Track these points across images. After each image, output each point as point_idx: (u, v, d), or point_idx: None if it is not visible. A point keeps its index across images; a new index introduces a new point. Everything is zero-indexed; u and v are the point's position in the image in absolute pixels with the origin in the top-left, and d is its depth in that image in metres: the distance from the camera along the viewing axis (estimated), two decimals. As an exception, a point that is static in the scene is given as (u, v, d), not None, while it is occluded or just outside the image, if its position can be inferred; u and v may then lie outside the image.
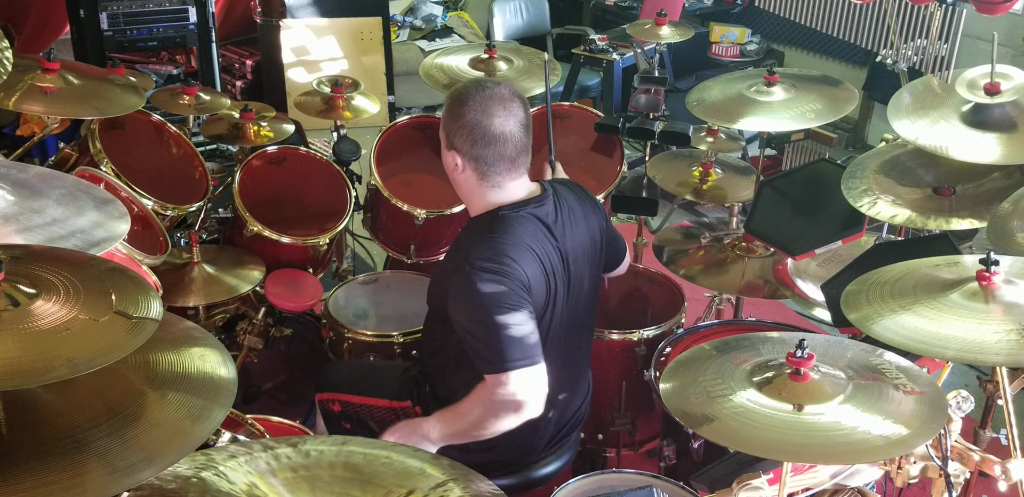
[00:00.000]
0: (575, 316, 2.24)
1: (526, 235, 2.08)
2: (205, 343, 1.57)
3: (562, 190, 2.25)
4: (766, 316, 3.25)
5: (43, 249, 1.59)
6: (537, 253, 2.09)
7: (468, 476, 1.47)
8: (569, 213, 2.20)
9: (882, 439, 1.58)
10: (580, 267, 2.21)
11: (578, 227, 2.21)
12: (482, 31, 6.44)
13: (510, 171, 2.11)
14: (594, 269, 2.28)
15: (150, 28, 4.94)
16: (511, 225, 2.09)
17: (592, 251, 2.26)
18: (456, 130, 2.09)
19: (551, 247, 2.13)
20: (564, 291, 2.17)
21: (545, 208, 2.15)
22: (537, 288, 2.08)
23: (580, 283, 2.22)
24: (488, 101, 2.07)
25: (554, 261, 2.13)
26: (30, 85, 2.47)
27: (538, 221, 2.12)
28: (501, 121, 2.06)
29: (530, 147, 2.15)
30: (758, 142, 3.72)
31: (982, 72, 2.44)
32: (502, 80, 2.18)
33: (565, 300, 2.18)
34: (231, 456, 1.44)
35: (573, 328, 2.26)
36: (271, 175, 3.12)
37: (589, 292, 2.27)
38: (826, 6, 5.59)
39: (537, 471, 2.34)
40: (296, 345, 3.12)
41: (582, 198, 2.29)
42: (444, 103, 2.15)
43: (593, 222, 2.27)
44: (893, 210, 2.40)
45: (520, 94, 2.14)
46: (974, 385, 2.17)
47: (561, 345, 2.21)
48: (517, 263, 2.03)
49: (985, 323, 1.68)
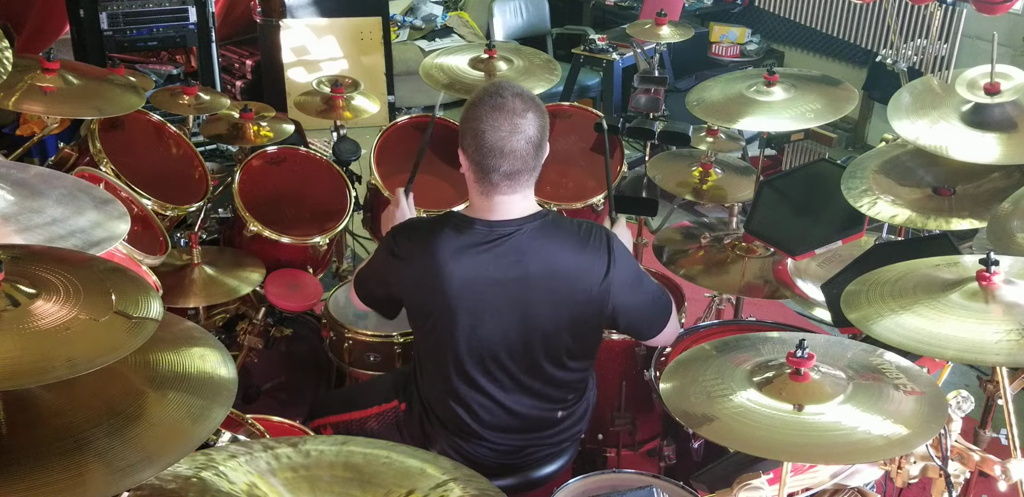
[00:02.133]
0: (521, 344, 2.15)
1: (449, 238, 2.08)
2: (205, 343, 1.57)
3: (554, 232, 2.10)
4: (766, 316, 3.25)
5: (43, 249, 1.59)
6: (441, 254, 2.07)
7: (468, 476, 1.47)
8: (522, 247, 2.07)
9: (882, 439, 1.58)
10: (493, 301, 2.10)
11: (526, 262, 2.08)
12: (482, 31, 6.44)
13: (506, 185, 2.04)
14: (547, 309, 2.12)
15: (150, 28, 4.94)
16: (438, 222, 2.12)
17: (540, 291, 2.10)
18: (465, 131, 2.05)
19: (472, 261, 2.07)
20: (463, 314, 2.11)
21: (488, 236, 2.07)
22: (417, 282, 2.14)
23: (493, 316, 2.11)
24: (495, 112, 1.99)
25: (450, 270, 2.06)
26: (30, 85, 2.47)
27: (461, 237, 2.07)
28: (504, 136, 1.99)
29: (537, 165, 2.06)
30: (758, 142, 3.72)
31: (982, 72, 2.43)
32: (523, 88, 2.05)
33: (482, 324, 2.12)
34: (231, 456, 1.44)
35: (522, 358, 2.17)
36: (271, 175, 3.12)
37: (538, 327, 2.13)
38: (826, 6, 5.59)
39: (537, 471, 2.34)
40: (296, 345, 3.12)
41: (560, 241, 2.11)
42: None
43: (556, 265, 2.09)
44: (893, 210, 2.40)
45: (537, 108, 2.03)
46: (974, 385, 2.16)
47: (499, 368, 2.18)
48: (409, 242, 2.13)
49: (985, 323, 1.68)
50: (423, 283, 2.12)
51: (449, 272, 2.07)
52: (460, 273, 2.07)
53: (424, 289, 2.13)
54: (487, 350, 2.16)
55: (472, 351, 2.15)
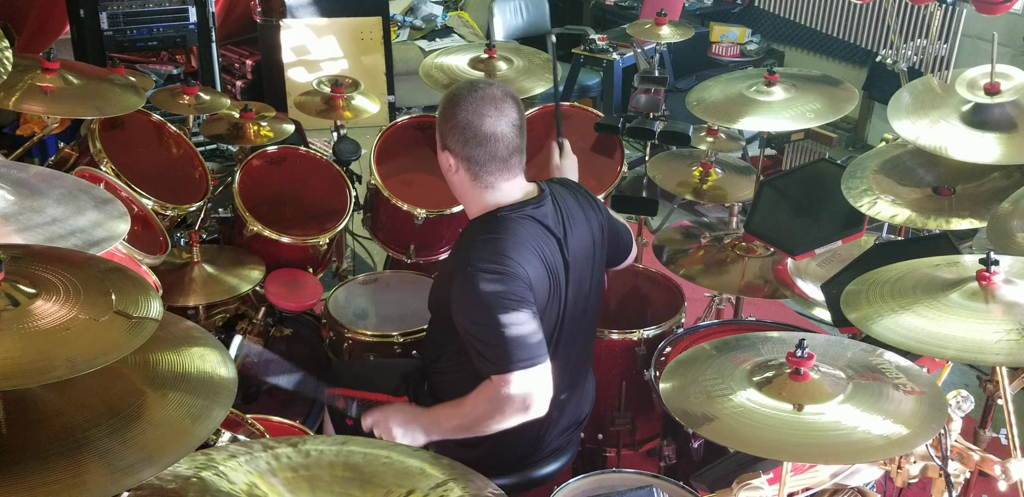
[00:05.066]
0: (577, 317, 2.24)
1: (527, 236, 2.08)
2: (205, 343, 1.57)
3: (560, 190, 2.25)
4: (766, 316, 3.25)
5: (43, 249, 1.59)
6: (539, 253, 2.09)
7: (468, 476, 1.47)
8: (568, 213, 2.20)
9: (882, 439, 1.58)
10: (582, 268, 2.21)
11: (579, 227, 2.21)
12: (482, 31, 6.44)
13: (502, 171, 2.11)
14: (596, 269, 2.28)
15: (150, 28, 4.94)
16: (510, 226, 2.09)
17: (593, 251, 2.25)
18: (449, 130, 2.10)
19: (553, 248, 2.13)
20: (568, 292, 2.17)
21: (543, 209, 2.15)
22: (540, 288, 2.08)
23: (582, 284, 2.22)
24: (480, 102, 2.07)
25: (556, 262, 2.13)
26: (30, 85, 2.47)
27: (537, 222, 2.12)
28: (492, 121, 2.07)
29: (523, 148, 2.14)
30: (758, 142, 3.72)
31: (982, 72, 2.44)
32: (496, 81, 2.18)
33: (572, 301, 2.18)
34: (231, 456, 1.44)
35: (576, 329, 2.26)
36: (271, 175, 3.12)
37: (591, 292, 2.27)
38: (826, 6, 5.59)
39: (537, 471, 2.34)
40: (296, 345, 3.12)
41: (580, 197, 2.29)
42: (439, 105, 2.15)
43: (593, 221, 2.27)
44: (893, 210, 2.40)
45: (513, 95, 2.13)
46: (974, 385, 2.17)
47: (564, 346, 2.21)
48: (518, 262, 2.02)
49: (985, 323, 1.68)
50: (545, 282, 2.11)
51: (566, 250, 2.14)
52: (566, 247, 2.15)
53: (546, 285, 2.11)
54: (577, 319, 2.23)
55: (566, 327, 2.20)
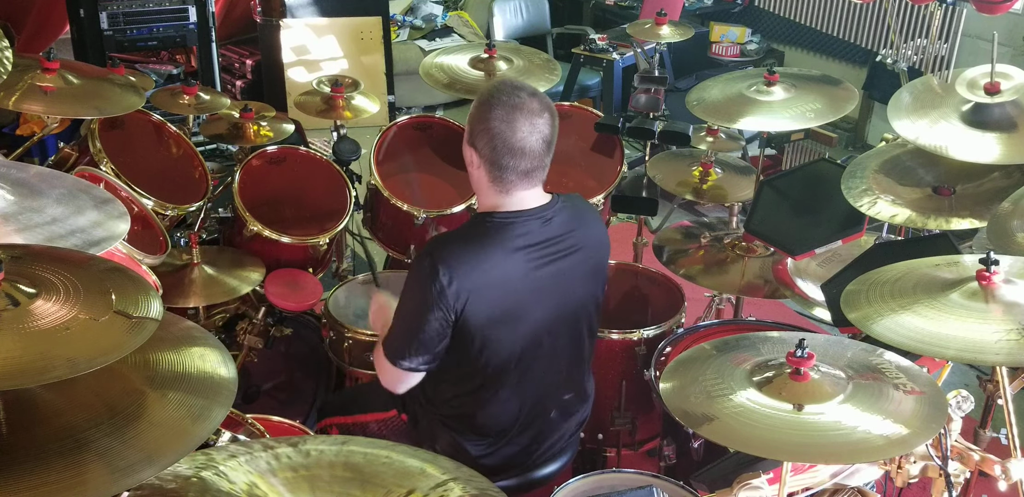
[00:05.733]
0: (568, 324, 2.22)
1: (498, 246, 2.07)
2: (205, 343, 1.57)
3: (568, 203, 2.21)
4: (766, 316, 3.25)
5: (43, 249, 1.59)
6: (502, 265, 2.07)
7: (468, 476, 1.47)
8: (566, 225, 2.16)
9: (882, 439, 1.58)
10: (570, 278, 2.17)
11: (574, 238, 2.17)
12: (482, 31, 6.44)
13: (522, 181, 2.07)
14: (590, 282, 2.24)
15: (150, 28, 4.94)
16: (490, 234, 2.08)
17: (588, 264, 2.21)
18: (479, 132, 2.04)
19: (530, 257, 2.10)
20: (540, 300, 2.13)
21: (539, 221, 2.11)
22: (488, 296, 2.06)
23: (569, 293, 2.18)
24: (515, 112, 2.01)
25: (524, 270, 2.09)
26: (30, 85, 2.47)
27: (523, 231, 2.09)
28: (523, 136, 2.01)
29: (548, 162, 2.10)
30: (758, 142, 3.72)
31: (982, 72, 2.43)
32: (539, 91, 2.10)
33: (556, 309, 2.16)
34: (231, 456, 1.44)
35: (569, 336, 2.25)
36: (271, 175, 3.12)
37: (583, 302, 2.23)
38: (826, 6, 5.59)
39: (537, 471, 2.34)
40: (296, 345, 3.12)
41: (586, 213, 2.26)
42: (475, 99, 2.09)
43: (595, 235, 2.23)
44: (893, 210, 2.40)
45: (552, 109, 2.08)
46: (974, 385, 2.17)
47: (551, 353, 2.21)
48: (466, 272, 2.02)
49: (985, 323, 1.68)
50: (497, 288, 2.08)
51: (547, 260, 2.11)
52: (549, 256, 2.12)
53: (499, 294, 2.09)
54: (569, 327, 2.23)
55: (543, 335, 2.19)
